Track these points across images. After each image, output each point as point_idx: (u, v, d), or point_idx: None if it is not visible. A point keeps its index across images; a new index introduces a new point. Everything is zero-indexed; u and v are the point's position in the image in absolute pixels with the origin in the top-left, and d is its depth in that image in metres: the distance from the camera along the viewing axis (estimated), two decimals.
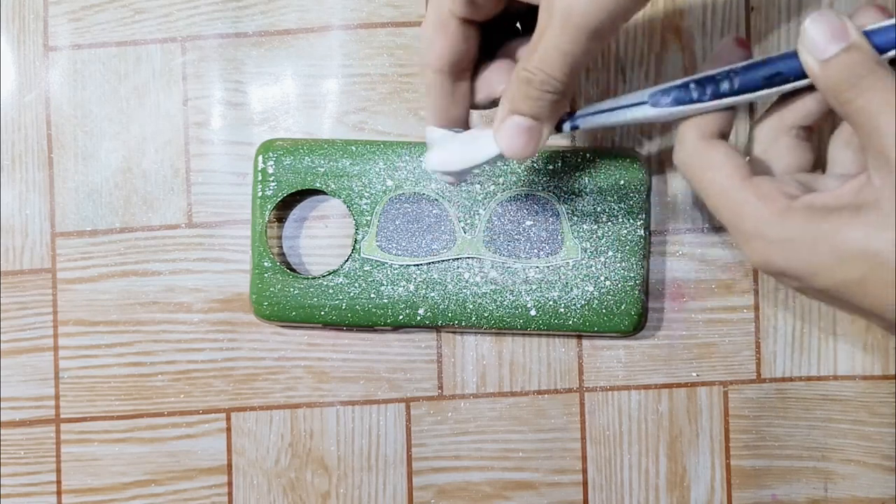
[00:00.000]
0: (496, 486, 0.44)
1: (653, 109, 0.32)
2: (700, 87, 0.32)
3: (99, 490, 0.45)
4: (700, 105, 0.32)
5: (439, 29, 0.33)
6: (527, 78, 0.31)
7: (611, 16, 0.29)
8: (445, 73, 0.34)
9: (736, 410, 0.44)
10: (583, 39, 0.30)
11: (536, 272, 0.42)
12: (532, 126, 0.32)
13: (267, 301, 0.43)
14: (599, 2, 0.29)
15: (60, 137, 0.45)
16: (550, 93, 0.31)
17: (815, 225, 0.29)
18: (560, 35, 0.30)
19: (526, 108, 0.32)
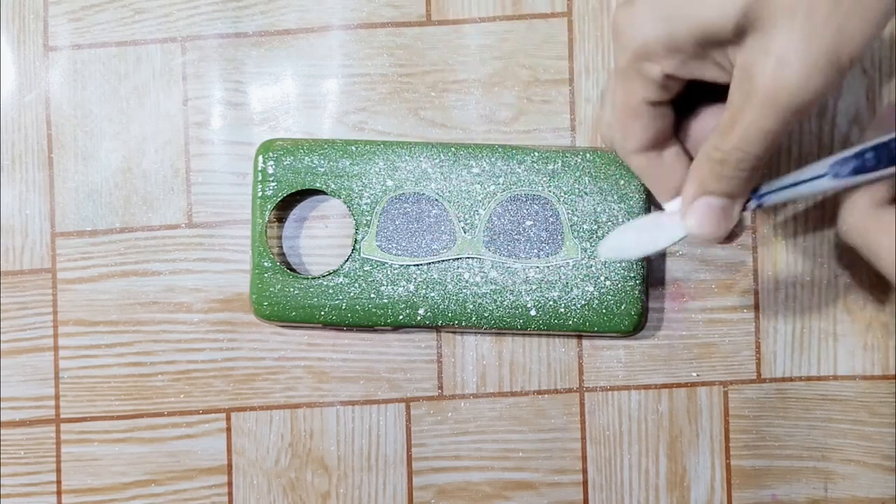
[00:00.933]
0: (496, 486, 0.44)
1: (833, 181, 0.33)
2: (876, 155, 0.32)
3: (99, 490, 0.45)
4: (877, 173, 0.32)
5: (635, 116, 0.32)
6: (722, 158, 0.31)
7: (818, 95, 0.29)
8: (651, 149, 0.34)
9: (736, 410, 0.44)
10: (787, 118, 0.29)
11: (536, 272, 0.42)
12: (725, 205, 0.32)
13: (267, 301, 0.43)
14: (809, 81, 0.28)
15: (60, 137, 0.45)
16: (747, 171, 0.31)
17: None
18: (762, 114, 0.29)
19: (720, 189, 0.32)
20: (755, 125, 0.29)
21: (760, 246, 0.44)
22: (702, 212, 0.32)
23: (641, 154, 0.34)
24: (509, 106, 0.45)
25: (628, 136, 0.33)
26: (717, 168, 0.31)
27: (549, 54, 0.45)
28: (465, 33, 0.45)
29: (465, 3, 0.45)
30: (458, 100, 0.45)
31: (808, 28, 0.28)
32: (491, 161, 0.43)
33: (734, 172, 0.31)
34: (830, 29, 0.28)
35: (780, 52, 0.28)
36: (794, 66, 0.28)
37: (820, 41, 0.28)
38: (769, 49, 0.28)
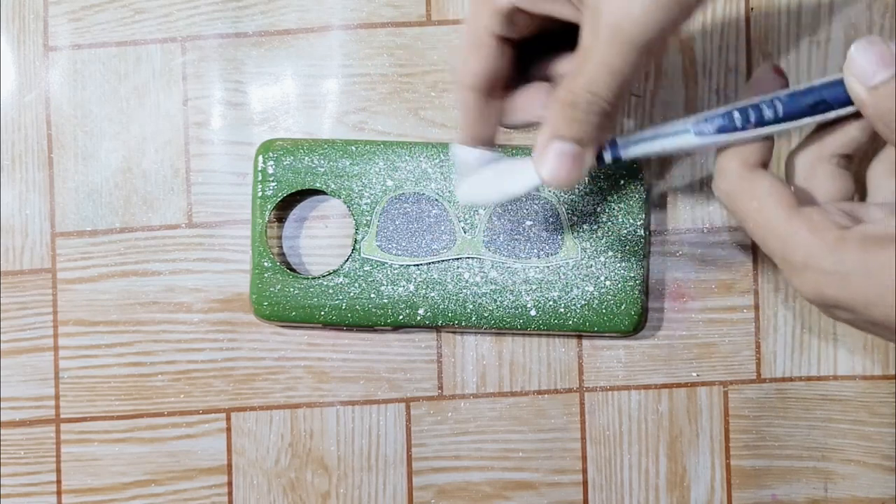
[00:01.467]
0: (496, 486, 0.44)
1: (696, 138, 0.32)
2: (744, 116, 0.31)
3: (99, 490, 0.45)
4: (743, 133, 0.32)
5: (474, 46, 0.32)
6: (571, 100, 0.30)
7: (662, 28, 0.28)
8: (479, 92, 0.33)
9: (736, 410, 0.44)
10: (634, 55, 0.29)
11: (536, 272, 0.42)
12: (576, 151, 0.31)
13: (267, 301, 0.43)
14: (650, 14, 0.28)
15: (60, 137, 0.45)
16: (598, 114, 0.30)
17: (870, 256, 0.29)
18: (609, 52, 0.29)
19: (571, 133, 0.31)
20: (603, 64, 0.29)
21: None
22: (553, 158, 0.31)
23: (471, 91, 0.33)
24: None
25: (465, 67, 0.33)
26: (568, 111, 0.30)
27: None
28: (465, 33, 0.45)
29: (465, 3, 0.45)
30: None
31: None
32: None
33: (585, 116, 0.30)
34: None
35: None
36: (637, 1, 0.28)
37: None
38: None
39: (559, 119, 0.31)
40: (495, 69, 0.33)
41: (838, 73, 0.31)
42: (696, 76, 0.44)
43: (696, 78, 0.44)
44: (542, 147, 0.31)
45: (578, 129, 0.31)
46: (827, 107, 0.31)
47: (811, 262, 0.30)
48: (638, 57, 0.29)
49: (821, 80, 0.31)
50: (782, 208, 0.31)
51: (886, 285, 0.28)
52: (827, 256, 0.29)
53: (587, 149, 0.31)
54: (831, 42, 0.44)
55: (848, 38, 0.44)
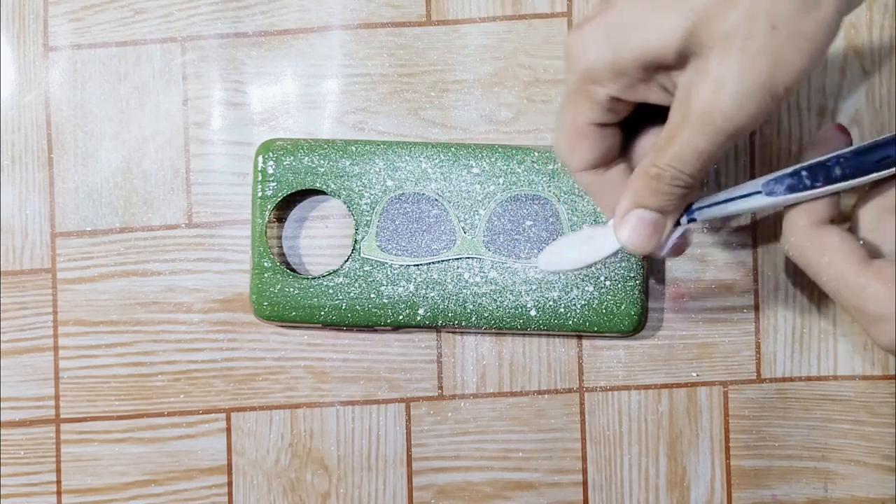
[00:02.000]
0: (496, 486, 0.44)
1: (767, 198, 0.33)
2: (812, 175, 0.33)
3: (99, 490, 0.45)
4: (812, 192, 0.33)
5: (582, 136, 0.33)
6: (656, 174, 0.31)
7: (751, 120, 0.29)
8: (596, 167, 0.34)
9: (736, 410, 0.44)
10: (720, 140, 0.30)
11: (536, 272, 0.42)
12: (657, 220, 0.33)
13: (267, 301, 0.43)
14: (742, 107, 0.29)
15: (60, 137, 0.45)
16: (680, 188, 0.32)
17: None
18: (696, 135, 0.30)
19: (653, 203, 0.32)
20: (690, 145, 0.30)
21: (760, 246, 0.44)
22: (633, 224, 0.33)
23: (587, 172, 0.35)
24: (509, 106, 0.45)
25: (575, 155, 0.34)
26: (652, 183, 0.32)
27: (549, 54, 0.45)
28: (465, 33, 0.45)
29: (464, 3, 0.45)
30: (458, 100, 0.45)
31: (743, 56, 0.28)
32: (491, 161, 0.43)
33: (667, 188, 0.32)
34: (766, 58, 0.28)
35: (717, 76, 0.29)
36: (729, 92, 0.29)
37: (754, 69, 0.28)
38: (707, 73, 0.29)
39: (643, 189, 0.32)
40: (606, 150, 0.34)
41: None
42: None
43: None
44: (623, 213, 0.33)
45: (661, 200, 0.32)
46: (892, 162, 0.32)
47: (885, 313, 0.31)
48: (725, 141, 0.30)
49: (885, 137, 0.32)
50: (853, 262, 0.32)
51: None
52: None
53: (667, 217, 0.33)
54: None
55: (848, 39, 0.44)
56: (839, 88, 0.44)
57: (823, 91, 0.44)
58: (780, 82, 0.29)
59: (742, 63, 0.28)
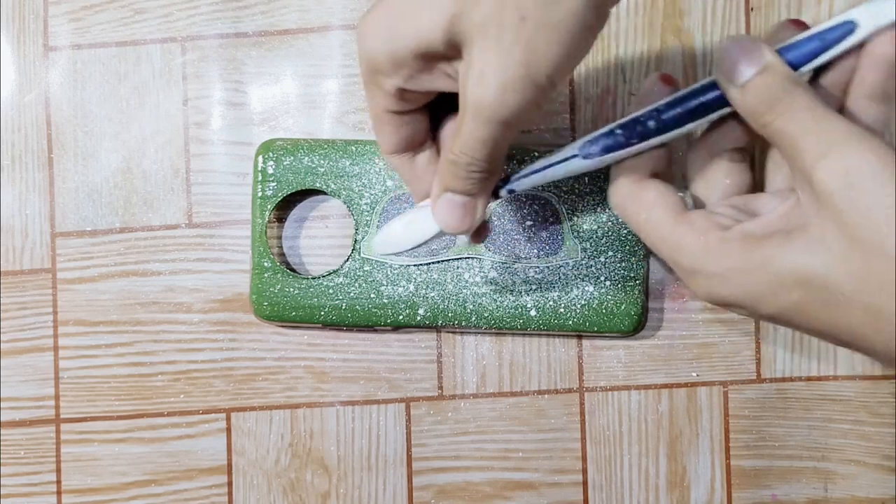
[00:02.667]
0: (496, 486, 0.44)
1: (584, 161, 0.33)
2: (627, 131, 0.32)
3: (99, 490, 0.45)
4: (630, 149, 0.32)
5: (380, 123, 0.33)
6: (453, 160, 0.32)
7: (517, 110, 0.30)
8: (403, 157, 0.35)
9: (736, 410, 0.44)
10: (495, 129, 0.30)
11: (536, 272, 0.42)
12: (466, 201, 0.33)
13: (267, 301, 0.43)
14: (506, 99, 0.29)
15: (60, 137, 0.45)
16: (476, 172, 0.32)
17: (749, 254, 0.29)
18: (474, 125, 0.30)
19: (457, 186, 0.33)
20: (472, 134, 0.31)
21: None
22: (445, 207, 0.33)
23: (396, 156, 0.35)
24: None
25: (379, 140, 0.34)
26: (452, 169, 0.32)
27: None
28: None
29: None
30: None
31: (499, 47, 0.29)
32: None
33: (465, 174, 0.32)
34: (519, 49, 0.28)
35: (479, 68, 0.29)
36: (490, 83, 0.29)
37: (511, 60, 0.29)
38: (472, 65, 0.29)
39: (447, 174, 0.33)
40: (408, 136, 0.34)
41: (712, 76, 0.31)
42: (696, 76, 0.44)
43: (696, 77, 0.44)
44: (434, 198, 0.34)
45: (462, 183, 0.33)
46: (708, 109, 0.31)
47: (698, 266, 0.31)
48: (500, 131, 0.30)
49: (699, 83, 0.31)
50: (668, 216, 0.32)
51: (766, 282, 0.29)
52: (710, 259, 0.30)
53: (476, 198, 0.33)
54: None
55: None
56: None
57: None
58: (540, 72, 0.29)
59: (499, 54, 0.29)
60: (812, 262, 0.28)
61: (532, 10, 0.28)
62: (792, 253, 0.29)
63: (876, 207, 0.27)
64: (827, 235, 0.28)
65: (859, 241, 0.27)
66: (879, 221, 0.27)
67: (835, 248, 0.28)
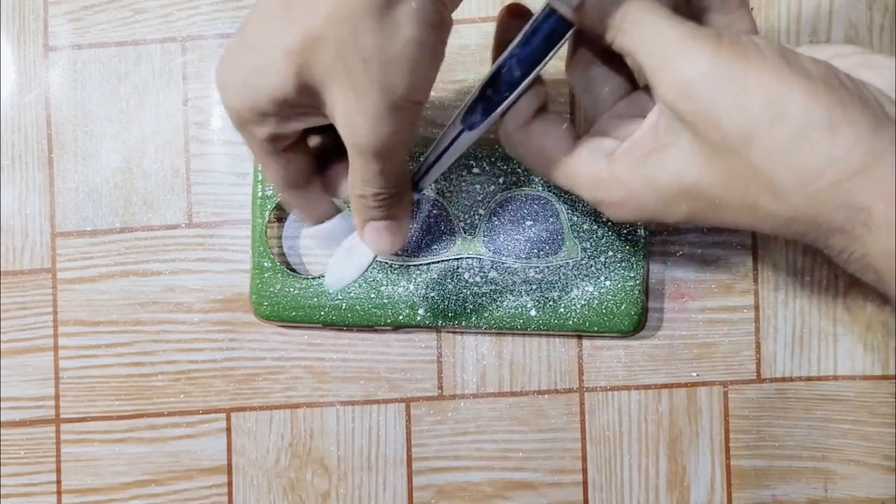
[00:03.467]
0: (496, 486, 0.44)
1: (472, 132, 0.33)
2: (496, 87, 0.32)
3: (99, 490, 0.45)
4: (509, 100, 0.32)
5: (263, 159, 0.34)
6: (360, 194, 0.33)
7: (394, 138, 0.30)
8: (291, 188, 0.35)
9: (736, 410, 0.44)
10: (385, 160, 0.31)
11: (536, 272, 0.42)
12: (389, 224, 0.34)
13: (267, 301, 0.43)
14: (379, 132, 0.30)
15: (60, 137, 0.45)
16: (384, 198, 0.33)
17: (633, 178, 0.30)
18: (363, 161, 0.31)
19: (374, 215, 0.34)
20: (365, 169, 0.31)
21: (760, 246, 0.44)
22: (374, 236, 0.35)
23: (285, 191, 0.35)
24: None
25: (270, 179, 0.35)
26: (363, 202, 0.33)
27: None
28: (465, 33, 0.45)
29: (464, 3, 0.45)
30: (459, 100, 0.45)
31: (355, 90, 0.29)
32: (491, 161, 0.43)
33: (376, 203, 0.33)
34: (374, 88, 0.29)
35: (343, 111, 0.30)
36: (359, 124, 0.30)
37: (370, 99, 0.29)
38: (335, 108, 0.30)
39: (360, 208, 0.34)
40: (293, 171, 0.34)
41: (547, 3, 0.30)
42: None
43: None
44: (359, 228, 0.35)
45: (379, 212, 0.34)
46: (559, 35, 0.31)
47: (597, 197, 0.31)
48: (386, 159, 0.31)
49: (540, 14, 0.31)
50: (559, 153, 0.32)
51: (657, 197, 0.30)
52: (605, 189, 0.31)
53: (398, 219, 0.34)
54: (831, 42, 0.44)
55: (848, 38, 0.44)
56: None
57: None
58: (401, 97, 0.29)
59: (356, 95, 0.29)
60: (686, 173, 0.29)
61: (371, 49, 0.28)
62: (668, 169, 0.29)
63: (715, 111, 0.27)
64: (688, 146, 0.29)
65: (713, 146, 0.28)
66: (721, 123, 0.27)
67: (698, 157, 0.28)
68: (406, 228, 0.35)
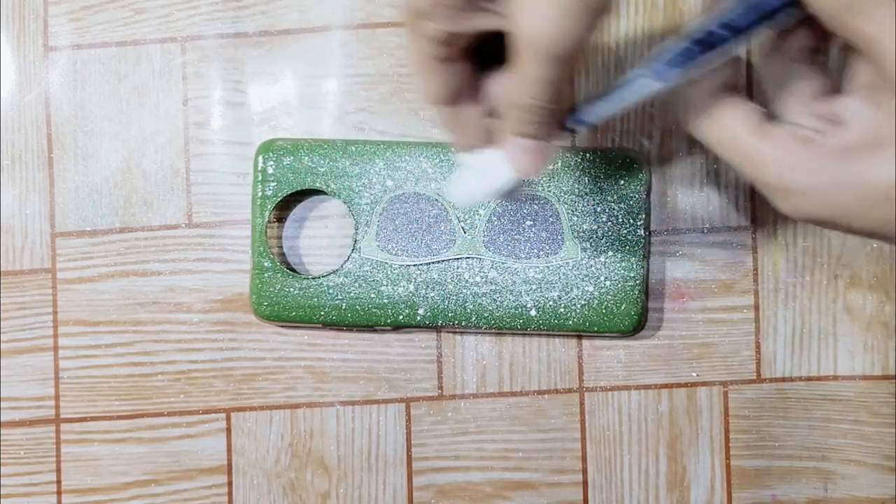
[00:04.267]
0: (496, 486, 0.44)
1: (656, 82, 0.31)
2: (698, 43, 0.30)
3: (99, 490, 0.45)
4: (703, 61, 0.30)
5: (423, 70, 0.33)
6: (514, 103, 0.31)
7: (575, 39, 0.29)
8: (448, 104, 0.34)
9: (736, 410, 0.44)
10: (553, 64, 0.30)
11: (536, 272, 0.42)
12: (534, 144, 0.32)
13: (267, 301, 0.43)
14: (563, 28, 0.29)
15: (60, 137, 0.45)
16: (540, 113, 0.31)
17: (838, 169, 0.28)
18: (531, 63, 0.30)
19: (524, 130, 0.32)
20: (530, 74, 0.30)
21: (760, 246, 0.44)
22: (516, 153, 0.33)
23: (440, 106, 0.34)
24: None
25: (425, 90, 0.34)
26: (515, 112, 0.32)
27: None
28: None
29: None
30: None
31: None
32: None
33: (530, 115, 0.31)
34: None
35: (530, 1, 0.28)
36: (545, 16, 0.28)
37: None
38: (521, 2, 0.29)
39: (511, 119, 0.32)
40: (453, 83, 0.33)
41: None
42: None
43: None
44: (505, 143, 0.33)
45: (528, 126, 0.32)
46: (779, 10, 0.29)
47: (784, 183, 0.29)
48: (560, 64, 0.30)
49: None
50: (748, 131, 0.30)
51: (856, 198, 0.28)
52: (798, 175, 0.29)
53: (544, 138, 0.32)
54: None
55: None
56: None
57: None
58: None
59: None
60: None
61: None
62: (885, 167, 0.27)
63: None
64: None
65: None
66: None
67: None
68: (550, 154, 0.33)
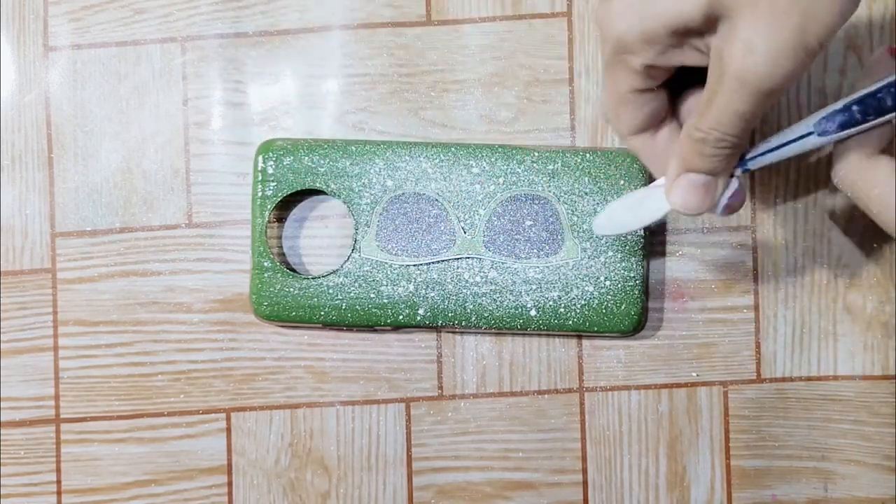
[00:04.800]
0: (496, 486, 0.44)
1: (820, 138, 0.33)
2: (863, 108, 0.32)
3: (99, 490, 0.45)
4: (865, 125, 0.32)
5: (624, 103, 0.33)
6: (701, 138, 0.31)
7: (785, 77, 0.29)
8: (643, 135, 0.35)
9: (736, 410, 0.44)
10: (757, 100, 0.30)
11: (536, 272, 0.42)
12: (708, 181, 0.33)
13: (267, 301, 0.43)
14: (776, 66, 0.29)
15: (60, 137, 0.45)
16: (725, 149, 0.32)
17: None
18: (734, 98, 0.30)
19: (701, 166, 0.32)
20: (728, 107, 0.30)
21: (760, 246, 0.44)
22: (684, 188, 0.33)
23: (635, 136, 0.35)
24: (509, 106, 0.45)
25: (620, 122, 0.34)
26: (698, 147, 0.32)
27: (549, 54, 0.45)
28: (465, 33, 0.45)
29: (465, 3, 0.45)
30: (458, 100, 0.45)
31: (772, 14, 0.28)
32: (491, 161, 0.43)
33: (713, 151, 0.32)
34: (795, 14, 0.28)
35: (747, 38, 0.29)
36: (761, 52, 0.29)
37: (784, 26, 0.28)
38: (737, 35, 0.29)
39: (690, 153, 0.32)
40: (650, 114, 0.34)
41: None
42: None
43: None
44: (672, 177, 0.33)
45: (708, 162, 0.32)
46: None
47: None
48: (763, 101, 0.30)
49: None
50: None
51: None
52: None
53: (717, 178, 0.33)
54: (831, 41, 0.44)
55: (848, 38, 0.44)
56: (839, 89, 0.44)
57: (823, 91, 0.44)
58: (812, 37, 0.28)
59: (771, 22, 0.28)
60: None
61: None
62: None
63: None
64: None
65: None
66: None
67: None
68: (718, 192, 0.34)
